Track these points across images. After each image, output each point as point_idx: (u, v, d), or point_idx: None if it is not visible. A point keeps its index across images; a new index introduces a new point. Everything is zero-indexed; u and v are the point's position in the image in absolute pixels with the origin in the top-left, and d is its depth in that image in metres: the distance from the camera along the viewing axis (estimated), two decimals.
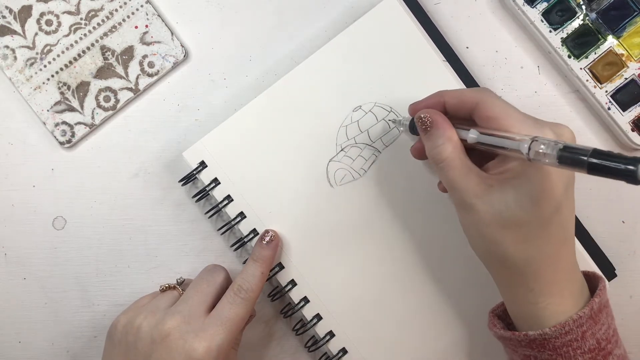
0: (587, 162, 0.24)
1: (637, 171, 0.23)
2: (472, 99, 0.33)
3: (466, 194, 0.31)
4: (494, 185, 0.31)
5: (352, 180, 0.42)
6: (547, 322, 0.32)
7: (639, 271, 0.44)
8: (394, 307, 0.42)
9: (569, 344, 0.32)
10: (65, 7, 0.43)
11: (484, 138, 0.31)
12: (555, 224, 0.31)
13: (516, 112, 0.31)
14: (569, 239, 0.33)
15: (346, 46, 0.41)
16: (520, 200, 0.30)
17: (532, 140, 0.27)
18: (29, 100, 0.43)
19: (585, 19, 0.42)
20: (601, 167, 0.24)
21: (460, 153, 0.32)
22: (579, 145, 0.25)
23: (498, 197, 0.30)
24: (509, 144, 0.29)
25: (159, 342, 0.35)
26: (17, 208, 0.44)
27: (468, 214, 0.32)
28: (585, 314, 0.32)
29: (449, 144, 0.32)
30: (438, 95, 0.35)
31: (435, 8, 0.44)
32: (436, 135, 0.33)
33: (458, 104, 0.33)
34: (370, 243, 0.42)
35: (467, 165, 0.32)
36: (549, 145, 0.26)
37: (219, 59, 0.44)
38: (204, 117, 0.44)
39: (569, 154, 0.25)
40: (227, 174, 0.42)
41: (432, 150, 0.33)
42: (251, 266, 0.39)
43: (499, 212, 0.30)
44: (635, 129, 0.42)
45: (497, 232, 0.31)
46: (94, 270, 0.44)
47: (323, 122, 0.42)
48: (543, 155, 0.27)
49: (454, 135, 0.32)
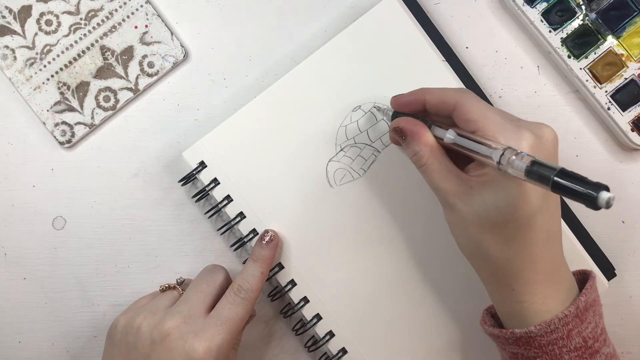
0: (551, 180, 0.25)
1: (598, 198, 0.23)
2: (452, 99, 0.33)
3: (447, 195, 0.32)
4: (474, 187, 0.31)
5: (351, 180, 0.42)
6: (533, 320, 0.33)
7: (639, 271, 0.44)
8: (393, 306, 0.42)
9: (554, 342, 0.32)
10: (65, 7, 0.43)
11: (460, 140, 0.32)
12: (533, 226, 0.31)
13: (495, 115, 0.31)
14: (551, 239, 0.33)
15: (346, 46, 0.41)
16: (497, 203, 0.30)
17: (504, 150, 0.28)
18: (29, 100, 0.43)
19: (585, 19, 0.42)
20: (564, 187, 0.24)
21: (440, 156, 0.33)
22: (548, 163, 0.26)
23: (477, 199, 0.31)
24: (482, 150, 0.30)
25: (159, 342, 0.35)
26: (17, 208, 0.44)
27: (452, 214, 0.33)
28: (571, 313, 0.32)
29: (426, 148, 0.33)
30: (420, 92, 0.35)
31: (435, 8, 0.44)
32: (413, 143, 0.34)
33: (438, 104, 0.34)
34: (370, 243, 0.42)
35: (446, 167, 0.33)
36: (518, 158, 0.27)
37: (219, 59, 0.44)
38: (204, 117, 0.44)
39: (537, 169, 0.26)
40: (226, 174, 0.42)
41: (412, 156, 0.35)
42: (251, 266, 0.39)
43: (478, 214, 0.31)
44: (635, 129, 0.42)
45: (477, 233, 0.32)
46: (94, 270, 0.44)
47: (323, 122, 0.42)
48: (512, 167, 0.27)
49: (430, 139, 0.34)
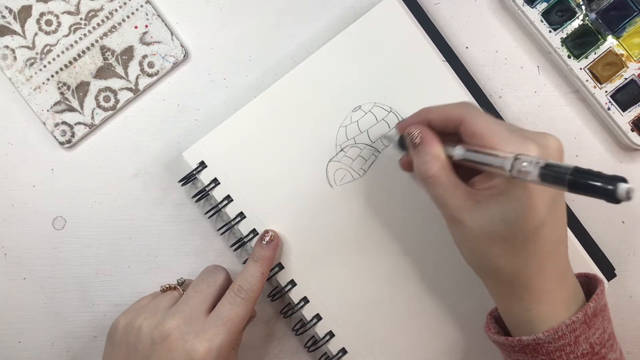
0: (567, 180, 0.24)
1: (616, 190, 0.23)
2: (456, 115, 0.33)
3: (454, 210, 0.32)
4: (481, 201, 0.31)
5: (351, 181, 0.42)
6: (540, 327, 0.32)
7: (638, 271, 0.44)
8: (393, 307, 0.42)
9: (562, 348, 0.32)
10: (65, 7, 0.43)
11: (469, 155, 0.32)
12: (540, 237, 0.31)
13: (500, 127, 0.31)
14: (558, 248, 0.33)
15: (346, 46, 0.41)
16: (505, 216, 0.30)
17: (514, 158, 0.28)
18: (29, 100, 0.43)
19: (585, 19, 0.42)
20: (581, 185, 0.24)
21: (447, 170, 0.33)
22: (560, 164, 0.26)
23: (484, 213, 0.31)
24: (493, 161, 0.30)
25: (160, 342, 0.35)
26: (17, 208, 0.44)
27: (458, 229, 0.33)
28: (579, 319, 0.32)
29: (436, 161, 0.33)
30: (423, 112, 0.35)
31: (435, 8, 0.44)
32: (424, 152, 0.33)
33: (443, 120, 0.34)
34: (370, 243, 0.42)
35: (453, 181, 0.33)
36: (531, 163, 0.27)
37: (219, 59, 0.44)
38: (204, 117, 0.44)
39: (551, 172, 0.26)
40: (226, 174, 0.42)
41: (420, 166, 0.34)
42: (251, 266, 0.39)
43: (485, 228, 0.31)
44: (635, 129, 0.42)
45: (484, 246, 0.32)
46: (94, 270, 0.44)
47: (323, 122, 0.42)
48: (525, 173, 0.27)
49: (441, 153, 0.33)
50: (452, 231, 0.34)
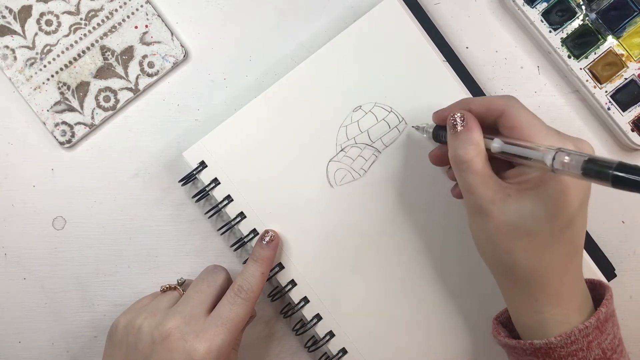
0: (611, 175, 0.24)
1: None
2: (499, 107, 0.33)
3: (482, 200, 0.32)
4: (512, 195, 0.31)
5: (352, 181, 0.42)
6: (552, 331, 0.32)
7: (639, 271, 0.44)
8: (394, 307, 0.42)
9: (574, 353, 0.31)
10: (65, 7, 0.43)
11: (507, 147, 0.32)
12: (566, 237, 0.31)
13: (540, 123, 0.32)
14: (578, 252, 0.33)
15: (346, 46, 0.41)
16: (535, 211, 0.30)
17: (556, 152, 0.28)
18: (29, 100, 0.43)
19: (585, 19, 0.42)
20: (625, 180, 0.23)
21: (483, 159, 0.33)
22: (605, 158, 0.25)
23: (514, 207, 0.31)
24: (533, 154, 0.30)
25: (160, 342, 0.35)
26: (17, 208, 0.44)
27: (481, 220, 0.32)
28: (592, 324, 0.32)
29: (475, 147, 0.32)
30: (464, 102, 0.35)
31: (435, 8, 0.44)
32: (464, 137, 0.33)
33: (484, 111, 0.34)
34: (370, 243, 0.42)
35: (487, 172, 0.32)
36: (573, 157, 0.26)
37: (219, 59, 0.44)
38: (204, 117, 0.44)
39: (594, 166, 0.25)
40: (227, 174, 0.42)
41: (457, 150, 0.33)
42: (251, 266, 0.39)
43: (511, 221, 0.31)
44: (635, 129, 0.42)
45: (507, 240, 0.31)
46: (94, 270, 0.44)
47: (323, 122, 0.42)
48: (567, 167, 0.27)
49: (481, 140, 0.33)
50: (473, 222, 0.33)
